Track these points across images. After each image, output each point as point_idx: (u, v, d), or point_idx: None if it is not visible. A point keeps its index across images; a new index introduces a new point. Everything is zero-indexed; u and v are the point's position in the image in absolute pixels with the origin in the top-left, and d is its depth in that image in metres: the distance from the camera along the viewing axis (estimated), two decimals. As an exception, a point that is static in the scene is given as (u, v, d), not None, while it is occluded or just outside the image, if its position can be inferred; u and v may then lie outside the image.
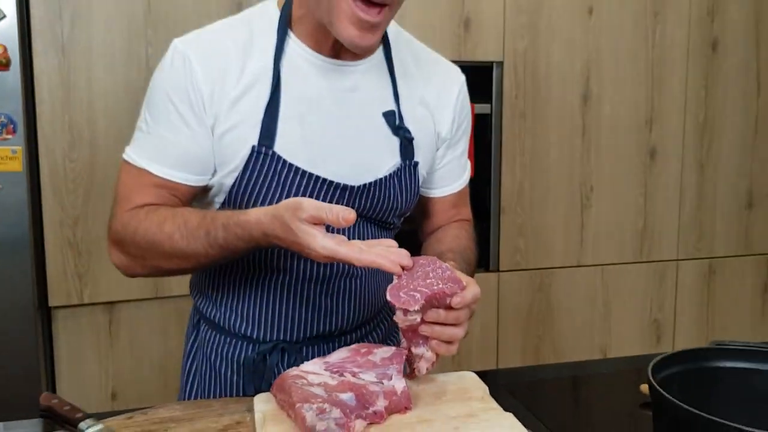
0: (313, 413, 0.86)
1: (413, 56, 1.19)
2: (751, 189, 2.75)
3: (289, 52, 1.08)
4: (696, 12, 2.59)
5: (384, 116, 1.12)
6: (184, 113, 1.05)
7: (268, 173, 1.06)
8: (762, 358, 1.02)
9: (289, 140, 1.06)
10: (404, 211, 1.20)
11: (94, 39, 2.03)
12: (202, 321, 1.22)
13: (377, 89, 1.13)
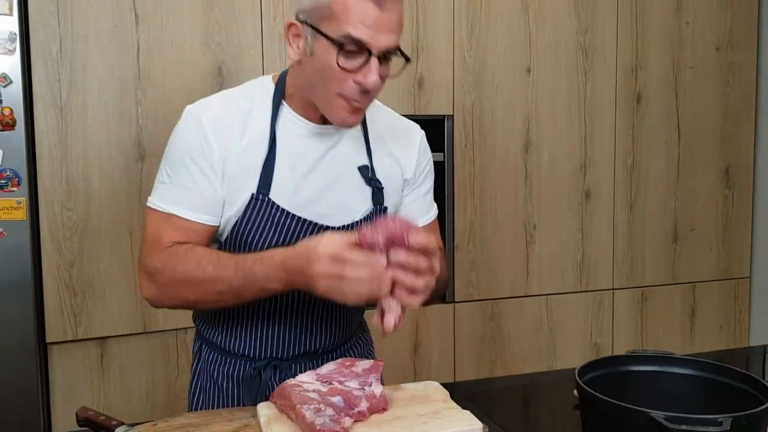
0: (311, 412, 1.09)
1: (381, 118, 1.43)
2: (675, 225, 3.02)
3: (283, 118, 1.31)
4: (621, 69, 2.87)
5: (359, 170, 1.35)
6: (202, 165, 1.26)
7: (264, 215, 1.29)
8: (665, 363, 1.26)
9: (283, 189, 1.29)
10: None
11: (89, 100, 2.23)
12: (204, 345, 1.44)
13: (353, 147, 1.36)
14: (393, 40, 1.20)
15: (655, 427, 0.98)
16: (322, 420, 1.07)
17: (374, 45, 1.18)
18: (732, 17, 3.02)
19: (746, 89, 3.07)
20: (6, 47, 2.08)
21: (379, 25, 1.17)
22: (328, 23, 1.18)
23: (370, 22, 1.17)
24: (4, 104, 2.08)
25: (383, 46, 1.19)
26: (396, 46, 1.22)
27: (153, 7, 2.27)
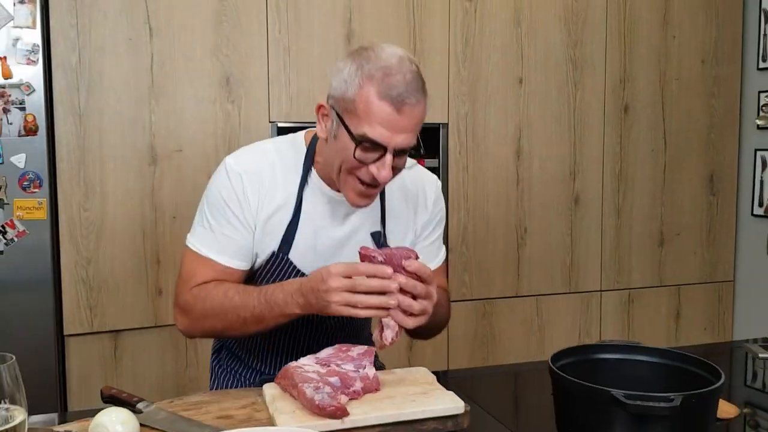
0: (311, 389, 1.23)
1: (401, 186, 1.49)
2: (661, 230, 3.16)
3: (310, 183, 1.43)
4: (610, 81, 3.01)
5: (371, 235, 1.47)
6: (240, 217, 1.39)
7: (281, 271, 1.43)
8: (632, 352, 1.37)
9: (301, 249, 1.42)
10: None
11: (106, 108, 2.38)
12: (223, 348, 1.60)
13: (369, 214, 1.46)
14: (408, 140, 1.29)
15: (615, 404, 1.11)
16: (320, 396, 1.21)
17: (390, 144, 1.27)
18: (717, 32, 3.16)
19: (730, 101, 3.21)
20: (29, 58, 2.22)
21: (395, 127, 1.26)
22: (351, 117, 1.28)
23: (387, 125, 1.25)
24: (27, 111, 2.23)
25: (398, 145, 1.28)
26: (411, 144, 1.30)
27: (166, 21, 2.41)
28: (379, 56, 1.28)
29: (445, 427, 1.24)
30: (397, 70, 1.26)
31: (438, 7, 2.73)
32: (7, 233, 2.22)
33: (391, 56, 1.28)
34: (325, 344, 1.42)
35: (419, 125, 1.31)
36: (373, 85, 1.25)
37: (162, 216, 2.45)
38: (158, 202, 2.44)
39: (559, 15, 2.91)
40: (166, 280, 2.46)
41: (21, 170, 2.23)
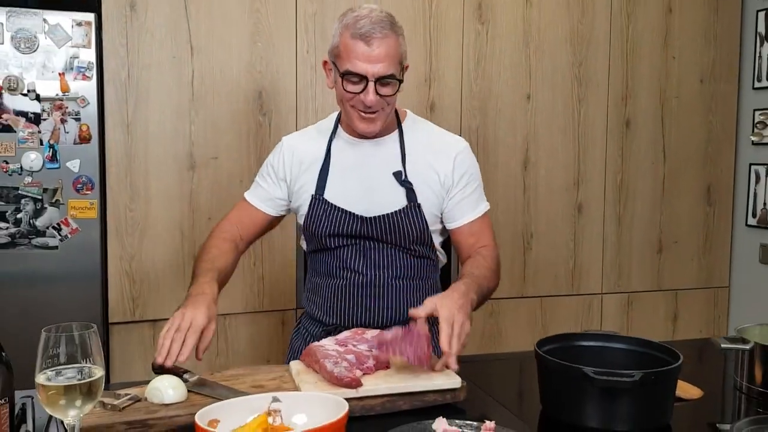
0: (331, 363, 1.46)
1: (421, 135, 1.77)
2: (660, 237, 3.34)
3: (337, 136, 1.77)
4: (612, 97, 3.21)
5: (393, 174, 1.72)
6: (273, 176, 1.80)
7: (321, 209, 1.73)
8: (610, 340, 1.57)
9: (334, 189, 1.73)
10: (416, 239, 1.73)
11: (151, 119, 2.63)
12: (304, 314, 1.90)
13: (389, 156, 1.73)
14: (384, 69, 1.59)
15: (586, 380, 1.32)
16: (339, 369, 1.44)
17: (368, 73, 1.58)
18: (715, 53, 3.35)
19: (727, 117, 3.40)
20: (85, 74, 2.49)
21: (369, 58, 1.58)
22: (339, 60, 1.63)
23: (363, 58, 1.58)
24: (82, 122, 2.49)
25: (376, 73, 1.58)
26: (388, 73, 1.60)
27: (206, 40, 2.67)
28: (354, 11, 1.63)
29: (444, 399, 1.45)
30: (365, 15, 1.60)
31: (452, 28, 2.97)
32: (62, 230, 2.48)
33: (363, 9, 1.62)
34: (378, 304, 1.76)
35: (393, 56, 1.60)
36: (347, 30, 1.60)
37: (199, 217, 2.71)
38: (195, 204, 2.70)
39: (565, 36, 3.12)
40: (201, 275, 2.71)
41: (75, 174, 2.50)
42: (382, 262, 1.75)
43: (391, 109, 1.70)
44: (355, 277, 1.75)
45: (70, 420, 1.11)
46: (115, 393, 1.41)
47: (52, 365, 1.12)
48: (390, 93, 1.64)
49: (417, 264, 1.78)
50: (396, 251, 1.76)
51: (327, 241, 1.76)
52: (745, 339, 1.58)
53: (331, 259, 1.78)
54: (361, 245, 1.74)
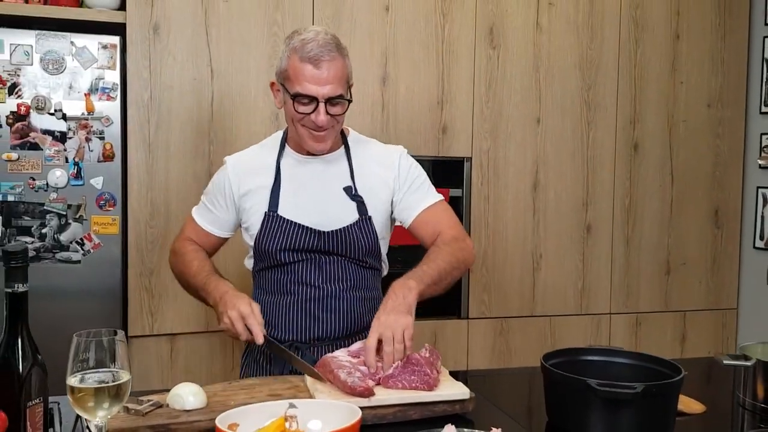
0: (345, 373, 1.52)
1: (365, 150, 1.87)
2: (668, 259, 3.38)
3: (285, 155, 1.84)
4: (621, 121, 3.28)
5: (344, 189, 1.81)
6: (220, 199, 1.86)
7: (275, 226, 1.79)
8: (614, 355, 1.62)
9: (287, 205, 1.80)
10: (368, 250, 1.81)
11: (172, 139, 2.72)
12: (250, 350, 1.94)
13: (338, 172, 1.83)
14: (333, 90, 1.67)
15: (590, 391, 1.37)
16: (352, 379, 1.50)
17: (318, 94, 1.66)
18: (723, 78, 3.41)
19: (735, 141, 3.45)
20: (109, 95, 2.59)
21: (318, 80, 1.66)
22: (288, 83, 1.70)
23: (312, 80, 1.66)
24: (106, 140, 2.59)
25: (326, 95, 1.66)
26: (337, 93, 1.69)
27: (225, 64, 2.77)
28: (300, 33, 1.70)
29: (454, 410, 1.51)
30: (312, 39, 1.67)
31: (464, 53, 3.05)
32: (85, 245, 2.57)
33: (309, 32, 1.71)
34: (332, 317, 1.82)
35: (341, 77, 1.68)
36: (296, 53, 1.67)
37: (216, 234, 2.78)
38: (213, 221, 2.78)
39: (574, 61, 3.20)
40: (218, 290, 2.78)
41: (99, 191, 2.59)
42: (337, 275, 1.82)
43: (340, 127, 1.79)
44: (309, 290, 1.81)
45: (98, 421, 1.17)
46: (137, 399, 1.47)
47: (82, 369, 1.19)
48: (339, 112, 1.72)
49: (367, 275, 1.87)
50: (348, 263, 1.83)
51: (281, 256, 1.80)
52: (747, 356, 1.62)
53: (282, 275, 1.83)
54: (317, 259, 1.80)
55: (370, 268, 1.88)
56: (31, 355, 1.07)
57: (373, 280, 1.90)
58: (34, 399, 1.06)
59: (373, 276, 1.90)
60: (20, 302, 1.07)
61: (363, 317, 1.85)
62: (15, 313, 1.07)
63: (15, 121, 2.47)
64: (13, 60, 2.46)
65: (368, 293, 1.87)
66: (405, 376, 1.52)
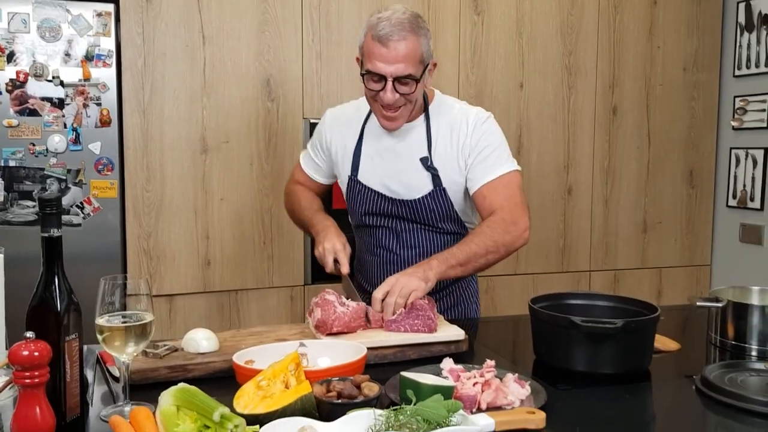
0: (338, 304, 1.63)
1: (446, 114, 1.86)
2: (645, 218, 3.52)
3: (370, 119, 1.90)
4: (600, 86, 3.38)
5: (420, 160, 1.86)
6: (319, 148, 2.01)
7: (356, 190, 1.91)
8: (595, 298, 1.73)
9: (366, 171, 1.90)
10: (443, 218, 1.88)
11: (165, 105, 2.78)
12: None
13: (416, 143, 1.86)
14: (401, 70, 1.70)
15: (574, 327, 1.48)
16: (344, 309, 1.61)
17: (386, 73, 1.70)
18: (698, 42, 3.53)
19: (709, 104, 3.58)
20: (105, 61, 2.64)
21: (386, 59, 1.69)
22: (363, 59, 1.77)
23: (381, 58, 1.70)
24: (103, 106, 2.65)
25: (393, 73, 1.70)
26: (405, 73, 1.70)
27: (217, 30, 2.82)
28: (380, 12, 1.74)
29: (449, 350, 1.62)
30: (387, 18, 1.70)
31: (450, 19, 3.13)
32: (85, 209, 2.64)
33: (387, 10, 1.75)
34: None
35: (411, 57, 1.69)
36: (370, 31, 1.71)
37: (211, 198, 2.87)
38: (208, 186, 2.86)
39: (556, 27, 3.29)
40: (214, 252, 2.87)
41: (97, 156, 2.65)
42: (413, 242, 1.93)
43: (412, 106, 1.79)
44: (387, 255, 1.94)
45: (125, 358, 1.27)
46: (154, 344, 1.56)
47: (109, 311, 1.29)
48: (408, 92, 1.73)
49: (446, 241, 1.92)
50: (425, 231, 1.92)
51: (363, 218, 1.95)
52: (719, 298, 1.75)
53: (368, 237, 1.97)
54: (393, 226, 1.92)
55: (451, 234, 1.93)
56: (67, 294, 1.16)
57: (451, 245, 1.91)
58: (71, 334, 1.16)
59: (452, 241, 1.89)
60: (56, 246, 1.16)
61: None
62: (51, 256, 1.15)
63: (14, 88, 2.52)
64: (11, 28, 2.50)
65: None
66: (408, 320, 1.63)
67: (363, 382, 1.23)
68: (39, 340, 1.05)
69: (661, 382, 1.51)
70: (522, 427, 1.15)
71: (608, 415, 1.32)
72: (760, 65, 3.38)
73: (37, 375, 1.03)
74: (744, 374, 1.45)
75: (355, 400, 1.17)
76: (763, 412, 1.27)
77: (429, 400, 1.10)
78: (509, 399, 1.26)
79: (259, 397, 1.16)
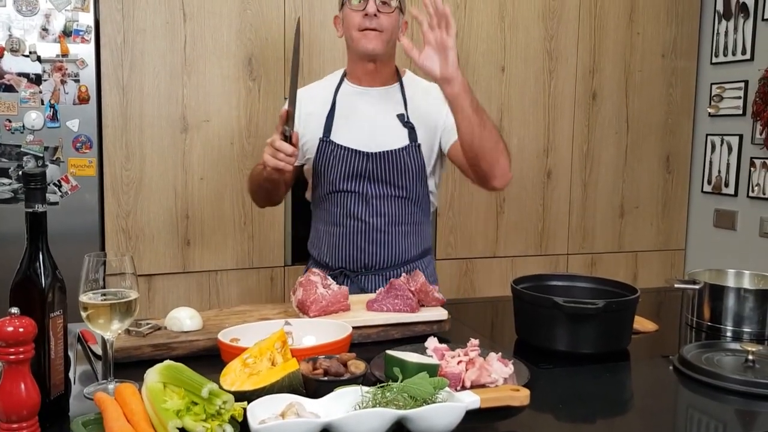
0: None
1: (418, 85, 1.97)
2: (622, 203, 3.57)
3: (343, 87, 1.95)
4: (580, 71, 3.41)
5: (397, 116, 1.92)
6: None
7: (329, 150, 1.91)
8: (575, 280, 1.75)
9: (339, 131, 1.91)
10: (414, 176, 1.90)
11: (145, 82, 2.75)
12: (310, 258, 2.06)
13: (392, 102, 1.94)
14: None
15: (556, 307, 1.50)
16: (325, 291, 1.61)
17: None
18: (676, 30, 3.57)
19: (686, 91, 3.63)
20: (83, 37, 2.60)
21: None
22: None
23: None
24: (81, 83, 2.60)
25: None
26: None
27: (198, 7, 2.79)
28: None
29: (432, 329, 1.63)
30: None
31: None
32: (63, 187, 2.60)
33: None
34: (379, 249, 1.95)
35: None
36: None
37: (191, 177, 2.84)
38: (188, 165, 2.83)
39: (537, 12, 3.30)
40: (194, 232, 2.86)
41: (75, 133, 2.61)
42: (381, 210, 1.93)
43: (391, 36, 1.87)
44: (356, 224, 1.93)
45: (109, 335, 1.26)
46: (137, 322, 1.56)
47: (93, 288, 1.28)
48: (389, 11, 1.84)
49: (412, 210, 1.96)
50: (394, 198, 1.93)
51: (333, 184, 1.93)
52: (696, 280, 1.79)
53: (333, 207, 1.95)
54: (364, 191, 1.91)
55: (417, 202, 1.97)
56: (51, 271, 1.15)
57: (419, 215, 1.99)
58: (56, 311, 1.14)
59: (419, 210, 1.98)
60: (40, 221, 1.14)
61: (407, 250, 1.97)
62: (36, 232, 1.14)
63: (-11, 62, 2.47)
64: (-15, 1, 2.45)
65: (413, 227, 1.98)
66: (389, 300, 1.64)
67: (349, 360, 1.23)
68: (24, 316, 1.04)
69: (640, 361, 1.54)
70: (507, 404, 1.17)
71: (589, 392, 1.34)
72: (737, 53, 3.43)
73: (21, 351, 1.02)
74: (720, 354, 1.48)
75: (341, 377, 1.17)
76: (737, 390, 1.31)
77: (415, 378, 1.11)
78: (493, 377, 1.28)
79: (246, 375, 1.17)
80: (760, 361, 1.41)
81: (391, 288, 1.64)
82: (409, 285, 1.67)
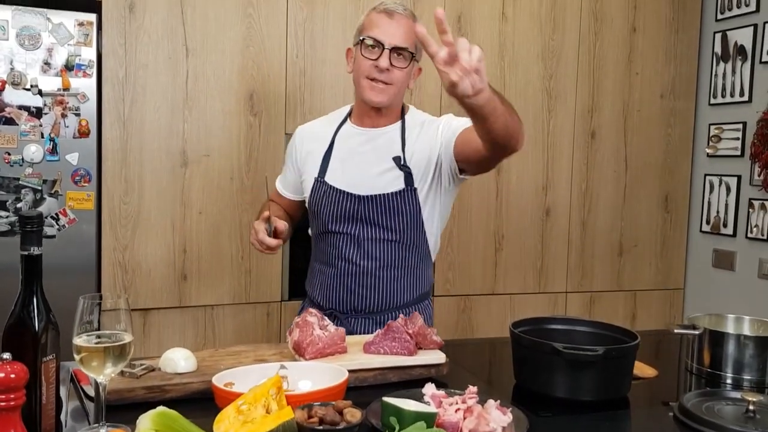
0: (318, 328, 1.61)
1: (416, 119, 1.92)
2: (621, 241, 3.56)
3: (344, 127, 1.95)
4: (579, 109, 3.43)
5: (393, 159, 1.87)
6: (289, 162, 2.04)
7: (322, 191, 1.90)
8: (576, 323, 1.74)
9: (335, 173, 1.90)
10: (409, 221, 1.86)
11: (146, 117, 2.75)
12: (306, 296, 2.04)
13: (389, 144, 1.89)
14: (400, 40, 1.77)
15: (556, 353, 1.49)
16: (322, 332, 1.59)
17: (385, 41, 1.77)
18: (675, 71, 3.60)
19: (685, 131, 3.64)
20: (85, 71, 2.61)
21: (389, 28, 1.78)
22: (361, 33, 1.83)
23: (382, 26, 1.78)
24: (81, 117, 2.61)
25: (392, 42, 1.77)
26: (403, 45, 1.78)
27: (201, 43, 2.81)
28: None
29: (429, 373, 1.61)
30: (392, 0, 1.84)
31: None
32: (60, 220, 2.59)
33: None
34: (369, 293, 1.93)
35: (410, 36, 1.77)
36: (374, 9, 1.82)
37: (190, 212, 2.84)
38: (187, 199, 2.83)
39: (537, 51, 3.33)
40: (191, 266, 2.84)
41: (74, 167, 2.61)
42: (373, 253, 1.90)
43: (400, 89, 1.84)
44: (348, 266, 1.90)
45: (101, 379, 1.25)
46: (131, 363, 1.54)
47: (87, 330, 1.27)
48: (402, 65, 1.80)
49: (407, 254, 1.92)
50: (387, 243, 1.90)
51: (325, 225, 1.92)
52: (696, 325, 1.78)
53: (327, 247, 1.94)
54: (356, 234, 1.88)
55: (411, 246, 1.92)
56: (45, 314, 1.14)
57: (414, 260, 1.94)
58: (49, 355, 1.13)
59: (414, 255, 1.93)
60: (35, 264, 1.13)
61: (400, 295, 1.93)
62: (30, 275, 1.13)
63: (-9, 95, 2.48)
64: (-11, 34, 2.47)
65: (407, 271, 1.93)
66: (386, 342, 1.62)
67: (345, 408, 1.22)
68: (16, 362, 1.03)
69: (640, 409, 1.52)
70: (505, 456, 1.15)
71: (589, 443, 1.32)
72: (735, 95, 3.45)
73: (12, 398, 1.01)
74: (720, 403, 1.46)
75: (337, 426, 1.15)
76: (740, 442, 1.29)
77: (412, 428, 1.09)
78: (491, 426, 1.25)
79: (240, 422, 1.15)
80: (760, 411, 1.40)
81: (389, 330, 1.63)
82: (407, 327, 1.66)
